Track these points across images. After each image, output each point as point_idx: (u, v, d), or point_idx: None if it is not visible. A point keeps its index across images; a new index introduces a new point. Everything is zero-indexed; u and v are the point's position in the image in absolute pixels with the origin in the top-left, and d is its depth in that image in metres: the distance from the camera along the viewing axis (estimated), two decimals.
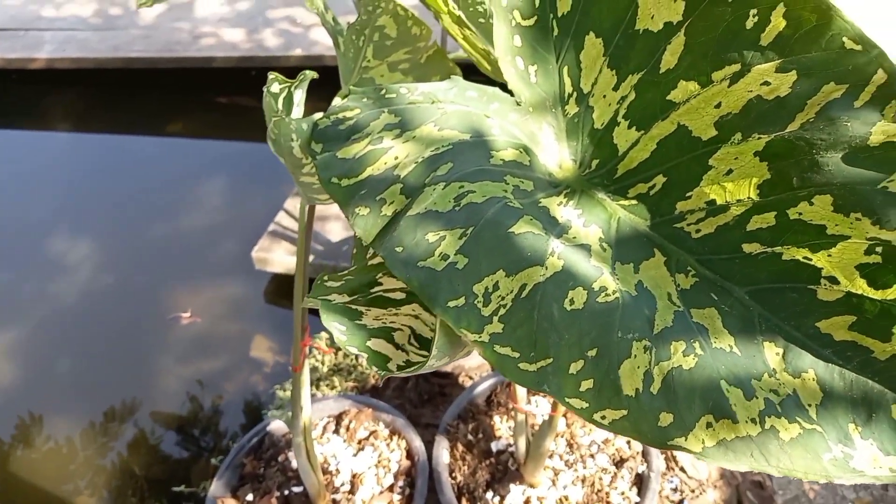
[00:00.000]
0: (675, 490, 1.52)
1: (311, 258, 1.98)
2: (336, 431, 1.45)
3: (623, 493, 1.32)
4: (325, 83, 0.97)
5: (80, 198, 2.60)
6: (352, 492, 1.32)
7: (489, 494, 1.32)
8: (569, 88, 0.63)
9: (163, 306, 2.12)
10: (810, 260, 0.48)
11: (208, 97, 2.95)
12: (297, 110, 0.80)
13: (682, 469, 1.58)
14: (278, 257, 2.01)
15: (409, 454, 1.39)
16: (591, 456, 1.39)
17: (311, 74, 0.78)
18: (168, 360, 2.00)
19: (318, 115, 0.67)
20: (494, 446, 1.42)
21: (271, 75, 0.71)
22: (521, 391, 1.18)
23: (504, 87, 0.64)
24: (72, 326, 2.11)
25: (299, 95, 0.79)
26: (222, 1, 3.14)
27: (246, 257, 2.07)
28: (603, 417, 0.44)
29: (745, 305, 0.50)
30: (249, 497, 1.33)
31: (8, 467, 1.76)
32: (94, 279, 2.24)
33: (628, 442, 1.43)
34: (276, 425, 1.44)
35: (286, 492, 1.33)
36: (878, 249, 0.45)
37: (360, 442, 1.42)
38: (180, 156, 2.84)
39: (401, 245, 0.50)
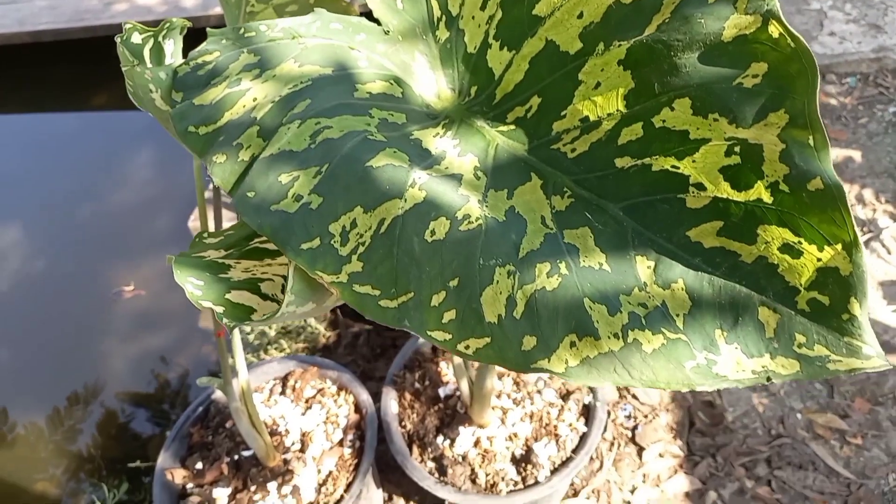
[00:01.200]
0: (628, 417, 1.55)
1: None
2: (283, 392, 1.43)
3: (571, 425, 1.34)
4: None
5: (1, 184, 2.49)
6: (302, 450, 1.32)
7: (440, 439, 1.33)
8: (437, 12, 0.59)
9: (103, 286, 2.07)
10: (678, 168, 0.47)
11: None
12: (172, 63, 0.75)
13: (634, 396, 1.61)
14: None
15: (357, 408, 1.39)
16: (539, 392, 1.40)
17: (179, 22, 0.73)
18: (116, 336, 1.95)
19: (178, 62, 0.63)
20: (442, 392, 1.42)
21: (127, 24, 0.66)
22: None
23: (371, 16, 0.61)
24: (9, 316, 2.05)
25: (170, 47, 0.74)
26: None
27: (183, 227, 2.01)
28: (467, 347, 0.42)
29: (618, 221, 0.48)
30: (199, 465, 1.32)
31: None
32: (26, 265, 2.16)
33: None
34: (221, 393, 1.42)
35: (236, 457, 1.32)
36: (737, 149, 0.44)
37: (307, 401, 1.41)
38: (104, 130, 2.72)
39: (252, 190, 0.47)
